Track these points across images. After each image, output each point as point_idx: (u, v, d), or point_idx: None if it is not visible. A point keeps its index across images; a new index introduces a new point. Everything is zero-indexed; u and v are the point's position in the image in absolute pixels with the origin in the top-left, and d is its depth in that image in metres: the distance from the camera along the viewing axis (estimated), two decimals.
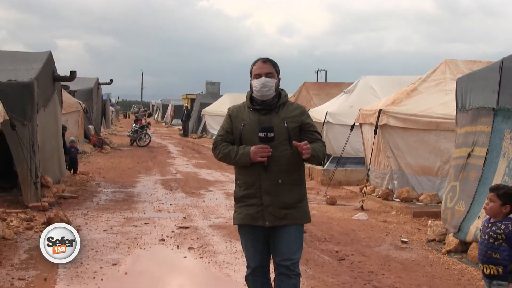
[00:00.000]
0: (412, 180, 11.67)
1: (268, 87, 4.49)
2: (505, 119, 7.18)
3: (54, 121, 13.15)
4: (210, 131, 34.64)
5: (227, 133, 4.60)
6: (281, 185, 4.42)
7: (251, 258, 4.58)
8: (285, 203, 4.43)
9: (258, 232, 4.49)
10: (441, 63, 12.83)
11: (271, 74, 4.53)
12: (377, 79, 18.68)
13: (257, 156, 4.34)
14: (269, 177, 4.41)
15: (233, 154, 4.46)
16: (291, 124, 4.47)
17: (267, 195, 4.41)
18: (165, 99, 71.07)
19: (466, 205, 7.83)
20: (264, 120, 4.46)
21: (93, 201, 11.64)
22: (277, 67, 4.62)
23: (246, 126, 4.51)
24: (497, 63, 7.56)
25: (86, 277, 6.46)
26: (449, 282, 6.65)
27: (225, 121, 4.67)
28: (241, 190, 4.53)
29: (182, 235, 8.71)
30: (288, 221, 4.44)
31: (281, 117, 4.48)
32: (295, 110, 4.59)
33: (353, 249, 8.13)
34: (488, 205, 4.68)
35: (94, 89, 27.65)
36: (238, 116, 4.59)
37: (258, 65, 4.58)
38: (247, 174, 4.49)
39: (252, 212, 4.45)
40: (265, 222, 4.41)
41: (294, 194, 4.48)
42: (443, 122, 10.97)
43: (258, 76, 4.52)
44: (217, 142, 4.59)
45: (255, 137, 4.40)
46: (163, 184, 14.52)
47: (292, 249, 4.47)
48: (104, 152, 22.71)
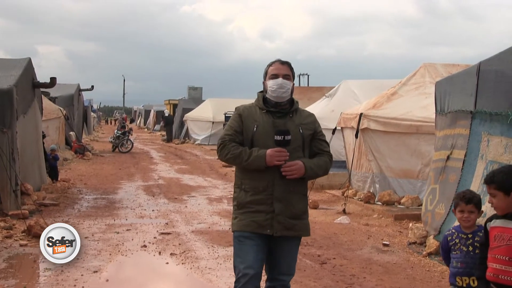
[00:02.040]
0: (394, 183, 11.75)
1: (285, 89, 4.32)
2: (483, 122, 7.25)
3: (34, 128, 13.05)
4: (192, 136, 34.61)
5: (236, 132, 4.33)
6: (293, 193, 4.24)
7: (250, 265, 4.18)
8: (294, 213, 4.24)
9: (262, 240, 4.23)
10: (421, 67, 12.97)
11: (288, 77, 4.37)
12: (358, 83, 18.82)
13: (274, 159, 4.12)
14: (282, 183, 4.19)
15: (245, 156, 4.19)
16: (306, 131, 4.33)
17: (278, 202, 4.19)
18: (147, 105, 70.86)
19: (446, 208, 7.90)
20: (279, 123, 4.27)
21: (74, 208, 11.56)
22: (293, 72, 4.47)
23: (259, 127, 4.27)
24: (474, 67, 7.65)
25: (66, 285, 6.41)
26: (430, 284, 6.70)
27: (234, 120, 4.39)
28: (248, 195, 4.25)
29: (164, 241, 8.69)
30: (295, 232, 4.28)
31: (296, 123, 4.32)
32: (308, 117, 4.46)
33: (335, 252, 8.16)
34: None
35: (75, 95, 27.53)
36: (250, 116, 4.34)
37: (275, 65, 4.41)
38: (258, 179, 4.22)
39: (260, 219, 4.19)
40: (273, 230, 4.18)
41: (302, 204, 4.34)
42: (423, 125, 11.08)
43: (275, 77, 4.34)
44: (226, 142, 4.30)
45: (269, 140, 4.20)
46: (145, 190, 14.46)
47: (292, 264, 4.37)
48: (86, 158, 22.57)
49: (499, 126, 6.82)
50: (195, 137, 34.11)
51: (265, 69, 4.49)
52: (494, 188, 3.88)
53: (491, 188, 3.91)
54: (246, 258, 4.21)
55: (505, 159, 6.58)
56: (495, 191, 3.88)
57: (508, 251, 3.74)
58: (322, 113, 16.90)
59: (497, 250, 3.82)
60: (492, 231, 3.91)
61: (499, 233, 3.84)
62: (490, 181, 3.93)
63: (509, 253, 3.74)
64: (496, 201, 3.89)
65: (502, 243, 3.80)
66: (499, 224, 3.88)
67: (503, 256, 3.77)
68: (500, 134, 6.77)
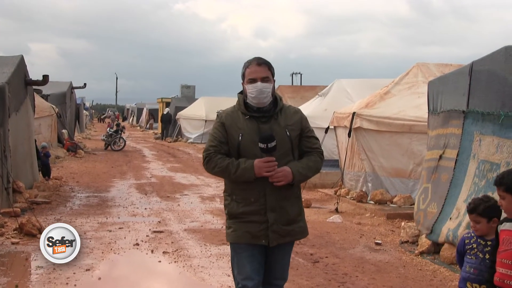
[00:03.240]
0: (386, 182, 11.78)
1: (265, 94, 4.02)
2: (475, 122, 7.28)
3: (26, 126, 13.01)
4: (185, 134, 34.56)
5: (221, 143, 4.07)
6: (286, 200, 4.04)
7: (249, 277, 4.06)
8: (288, 219, 4.06)
9: (257, 250, 4.07)
10: (414, 66, 12.99)
11: (267, 79, 4.05)
12: (351, 82, 18.85)
13: (263, 171, 3.90)
14: (275, 192, 3.99)
15: (233, 169, 3.97)
16: (293, 133, 4.08)
17: (272, 212, 3.99)
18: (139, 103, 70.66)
19: (438, 207, 7.93)
20: (264, 129, 4.01)
21: (66, 206, 11.53)
22: (273, 69, 4.15)
23: (244, 136, 4.02)
24: (467, 67, 7.67)
25: (59, 283, 6.40)
26: (422, 283, 6.72)
27: (217, 130, 4.12)
28: (240, 206, 4.05)
29: (156, 240, 8.68)
30: (291, 237, 4.12)
31: (282, 125, 4.06)
32: (294, 115, 4.17)
33: (328, 251, 8.18)
34: (476, 227, 4.16)
35: (68, 93, 27.44)
36: (234, 125, 4.07)
37: (252, 68, 4.06)
38: (249, 189, 4.02)
39: (254, 230, 4.01)
40: (269, 241, 4.01)
41: (296, 207, 4.14)
42: (415, 124, 11.11)
43: (253, 81, 4.03)
44: (211, 154, 4.06)
45: (256, 148, 3.94)
46: (137, 189, 14.44)
47: (286, 268, 4.24)
48: (78, 156, 22.51)
49: (491, 125, 6.85)
50: (188, 136, 34.07)
51: (242, 70, 4.15)
52: (503, 190, 3.76)
53: (500, 190, 3.80)
54: (244, 270, 4.08)
55: (496, 158, 6.62)
56: (504, 193, 3.76)
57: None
58: (315, 112, 16.94)
59: (504, 254, 3.71)
60: (501, 234, 3.79)
61: (507, 237, 3.72)
62: (499, 183, 3.81)
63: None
64: (505, 204, 3.79)
65: (509, 247, 3.68)
66: (509, 227, 3.75)
67: (509, 260, 3.65)
68: (492, 133, 6.81)
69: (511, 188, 3.73)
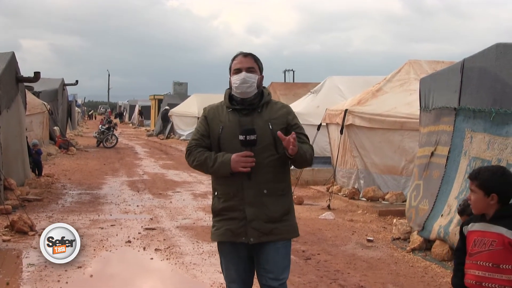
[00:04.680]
0: (378, 180, 11.81)
1: (249, 83, 3.95)
2: (466, 119, 7.31)
3: (18, 123, 12.95)
4: (177, 131, 34.53)
5: (202, 137, 4.03)
6: (267, 195, 3.89)
7: (233, 280, 4.01)
8: (271, 217, 3.89)
9: (241, 249, 3.96)
10: (406, 63, 13.03)
11: (253, 69, 4.00)
12: (343, 79, 18.87)
13: (239, 165, 3.81)
14: (253, 186, 3.88)
15: (210, 163, 3.90)
16: (277, 127, 3.91)
17: (250, 207, 3.87)
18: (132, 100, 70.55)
19: (429, 204, 7.96)
20: (245, 122, 3.93)
21: (58, 203, 11.50)
22: (260, 63, 4.09)
23: (225, 129, 3.96)
24: (459, 64, 7.70)
25: (50, 280, 6.38)
26: (413, 279, 6.74)
27: (201, 123, 4.11)
28: (220, 202, 3.98)
29: (148, 237, 8.67)
30: (275, 236, 3.92)
31: (264, 119, 3.95)
32: (280, 109, 4.05)
33: (320, 248, 8.19)
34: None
35: (60, 90, 27.33)
36: (216, 118, 4.03)
37: (238, 59, 4.04)
38: (227, 184, 3.94)
39: (234, 227, 3.90)
40: (249, 238, 3.88)
41: (280, 205, 3.95)
42: (407, 121, 11.14)
43: (238, 71, 3.99)
44: (191, 148, 4.03)
45: (236, 141, 3.85)
46: (130, 186, 14.41)
47: (279, 267, 3.96)
48: (70, 153, 22.44)
49: (482, 123, 6.88)
50: (180, 133, 34.04)
51: (229, 64, 4.11)
52: (476, 185, 3.70)
53: (473, 184, 3.73)
54: (229, 272, 4.04)
55: (487, 155, 6.64)
56: (476, 188, 3.69)
57: (490, 256, 3.54)
58: (307, 109, 16.96)
59: (479, 256, 3.60)
60: (470, 236, 3.69)
61: (479, 238, 3.63)
62: (474, 177, 3.75)
63: (492, 259, 3.54)
64: (474, 199, 3.71)
65: (484, 249, 3.59)
66: (479, 228, 3.66)
67: (486, 262, 3.56)
68: (483, 130, 6.83)
69: (484, 185, 3.65)
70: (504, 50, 6.63)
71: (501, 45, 6.71)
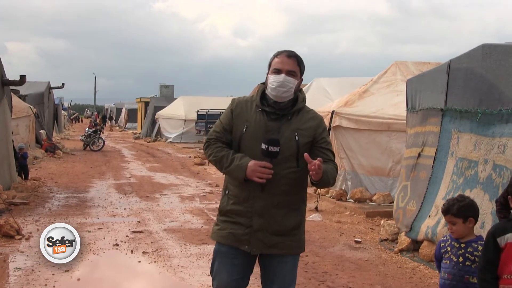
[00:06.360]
0: (365, 181, 11.85)
1: (286, 88, 3.68)
2: (453, 119, 7.35)
3: (3, 126, 12.84)
4: (164, 134, 34.45)
5: (224, 130, 3.80)
6: (278, 208, 3.71)
7: (223, 285, 3.81)
8: (278, 230, 3.72)
9: (240, 256, 3.78)
10: (392, 65, 13.09)
11: (294, 73, 3.72)
12: (330, 80, 18.93)
13: (255, 175, 3.57)
14: (265, 197, 3.68)
15: (226, 163, 3.69)
16: (303, 139, 3.70)
17: (259, 217, 3.69)
18: (118, 103, 70.25)
19: (417, 204, 7.99)
20: (272, 127, 3.69)
21: (45, 207, 11.41)
22: (302, 66, 3.81)
23: (249, 129, 3.72)
24: (445, 65, 7.74)
25: (37, 284, 6.33)
26: (401, 280, 6.77)
27: (226, 116, 3.84)
28: (230, 203, 3.79)
29: (136, 240, 8.63)
30: (279, 250, 3.74)
31: (292, 127, 3.70)
32: (310, 120, 3.79)
33: (308, 250, 8.17)
34: (452, 229, 4.09)
35: (46, 93, 27.18)
36: (242, 114, 3.77)
37: (280, 58, 3.74)
38: (241, 187, 3.73)
39: (238, 233, 3.73)
40: (251, 248, 3.71)
41: (291, 220, 3.76)
42: (394, 122, 11.19)
43: (277, 72, 3.70)
44: (211, 141, 3.81)
45: (258, 145, 3.61)
46: (117, 189, 14.34)
47: (286, 281, 3.79)
48: (57, 157, 22.30)
49: (468, 123, 6.91)
50: (167, 135, 33.96)
51: (270, 59, 3.83)
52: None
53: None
54: (220, 277, 3.82)
55: (474, 156, 6.67)
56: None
57: None
58: None
59: None
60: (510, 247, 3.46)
61: None
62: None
63: None
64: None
65: None
66: None
67: None
68: (469, 131, 6.87)
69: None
70: (490, 51, 6.67)
71: (487, 46, 6.76)
